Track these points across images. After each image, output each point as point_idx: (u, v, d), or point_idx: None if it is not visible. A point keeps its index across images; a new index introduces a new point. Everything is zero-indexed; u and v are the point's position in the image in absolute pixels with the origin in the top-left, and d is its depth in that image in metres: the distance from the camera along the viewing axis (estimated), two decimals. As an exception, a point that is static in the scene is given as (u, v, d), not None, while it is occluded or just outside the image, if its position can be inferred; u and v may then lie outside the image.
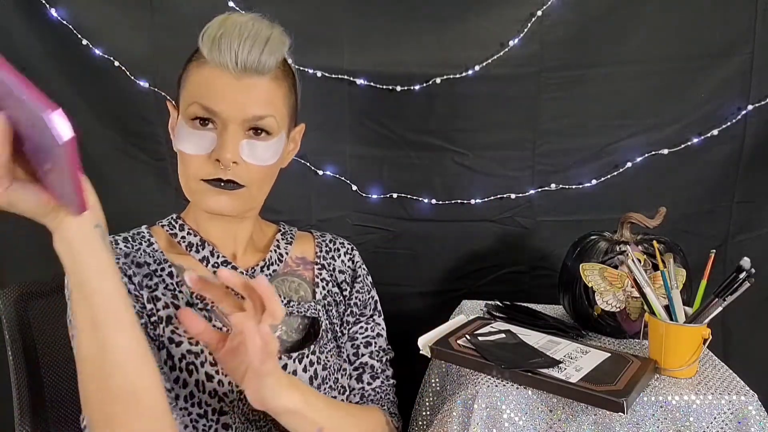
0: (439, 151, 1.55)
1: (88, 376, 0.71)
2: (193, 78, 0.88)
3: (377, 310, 1.08)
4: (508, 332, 1.14)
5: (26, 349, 1.05)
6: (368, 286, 1.08)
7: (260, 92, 0.87)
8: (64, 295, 0.84)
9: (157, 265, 0.91)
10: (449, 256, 1.61)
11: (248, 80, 0.85)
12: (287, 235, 1.05)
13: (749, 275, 0.99)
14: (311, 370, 0.93)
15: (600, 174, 1.56)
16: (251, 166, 0.87)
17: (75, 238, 0.66)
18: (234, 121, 0.85)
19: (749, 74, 1.52)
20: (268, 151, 0.89)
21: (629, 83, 1.53)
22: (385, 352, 1.06)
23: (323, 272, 1.03)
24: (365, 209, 1.57)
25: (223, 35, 0.84)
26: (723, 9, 1.49)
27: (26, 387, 1.04)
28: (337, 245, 1.07)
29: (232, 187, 0.87)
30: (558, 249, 1.52)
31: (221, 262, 0.94)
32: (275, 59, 0.87)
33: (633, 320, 1.21)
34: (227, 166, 0.85)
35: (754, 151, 1.55)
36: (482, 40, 1.50)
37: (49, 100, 0.51)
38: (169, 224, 0.97)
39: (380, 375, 1.03)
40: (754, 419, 0.99)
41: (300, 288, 1.00)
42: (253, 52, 0.84)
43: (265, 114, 0.87)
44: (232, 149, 0.85)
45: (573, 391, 0.95)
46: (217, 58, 0.84)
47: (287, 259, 1.01)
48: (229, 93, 0.85)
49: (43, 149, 0.55)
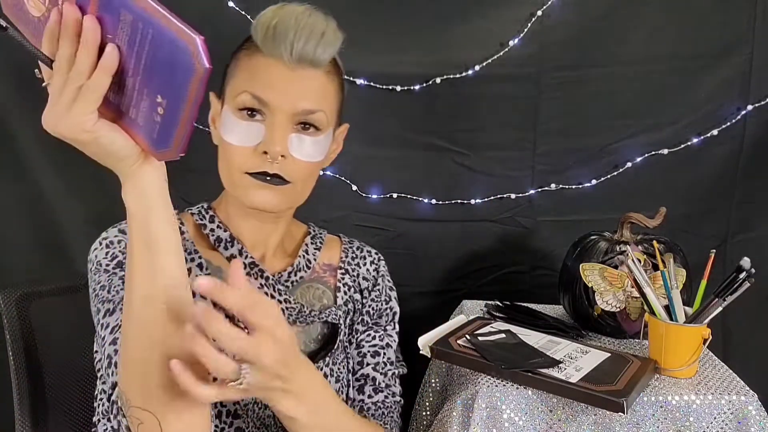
0: (439, 151, 1.55)
1: (140, 341, 0.66)
2: (243, 67, 0.84)
3: (393, 322, 1.03)
4: (508, 332, 1.14)
5: (27, 350, 1.05)
6: (387, 296, 1.03)
7: (313, 85, 0.84)
8: (65, 295, 0.84)
9: (187, 254, 0.87)
10: (449, 256, 1.60)
11: (302, 72, 0.83)
12: (317, 239, 1.01)
13: (749, 275, 1.00)
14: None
15: (600, 174, 1.56)
16: (298, 162, 0.84)
17: (151, 188, 0.64)
18: (284, 113, 0.82)
19: (749, 74, 1.52)
20: (316, 146, 0.86)
21: (629, 83, 1.53)
22: (393, 366, 0.99)
23: (346, 277, 1.00)
24: (365, 209, 1.57)
25: (278, 24, 0.81)
26: (723, 9, 1.49)
27: (27, 387, 1.04)
28: (363, 253, 1.04)
29: (277, 182, 0.83)
30: (558, 249, 1.52)
31: (249, 263, 0.90)
32: (329, 53, 0.84)
33: (633, 320, 1.22)
34: (275, 159, 0.82)
35: (754, 151, 1.55)
36: (482, 40, 1.50)
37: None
38: (199, 213, 0.93)
39: (384, 390, 0.96)
40: (754, 419, 0.99)
41: (324, 295, 0.97)
42: (309, 44, 0.81)
43: (316, 108, 0.84)
44: (281, 141, 0.81)
45: (573, 391, 0.95)
46: (272, 48, 0.81)
47: (315, 266, 0.98)
48: (282, 83, 0.82)
49: (165, 78, 0.54)
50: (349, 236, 1.06)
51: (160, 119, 0.56)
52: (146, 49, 0.54)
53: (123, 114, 0.59)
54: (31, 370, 1.05)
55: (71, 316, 1.10)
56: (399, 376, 1.00)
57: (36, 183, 1.47)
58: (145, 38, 0.54)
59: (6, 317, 1.05)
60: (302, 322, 0.91)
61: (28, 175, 1.47)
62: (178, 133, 0.55)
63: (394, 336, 1.02)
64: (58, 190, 1.48)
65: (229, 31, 1.40)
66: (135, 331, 0.67)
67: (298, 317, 0.91)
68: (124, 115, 0.59)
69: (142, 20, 0.54)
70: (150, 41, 0.54)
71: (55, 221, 1.49)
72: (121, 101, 0.58)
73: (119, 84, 0.57)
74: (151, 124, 0.57)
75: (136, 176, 0.63)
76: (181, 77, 0.53)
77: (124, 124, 0.59)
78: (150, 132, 0.58)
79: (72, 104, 0.56)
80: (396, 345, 1.01)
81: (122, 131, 0.59)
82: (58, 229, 1.49)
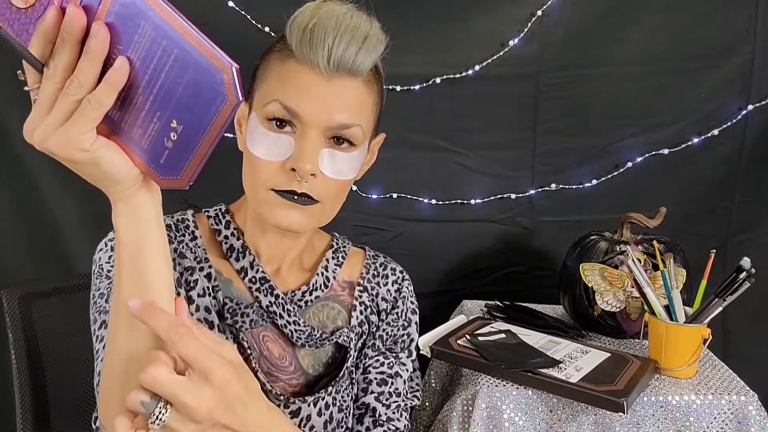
0: (439, 151, 1.55)
1: (121, 364, 0.61)
2: (275, 71, 0.76)
3: (409, 350, 0.92)
4: (508, 332, 1.14)
5: (29, 349, 1.05)
6: (406, 321, 0.93)
7: (351, 97, 0.75)
8: (67, 294, 0.83)
9: (197, 263, 0.81)
10: (449, 256, 1.61)
11: (339, 81, 0.74)
12: (339, 253, 0.92)
13: (749, 275, 1.00)
14: (326, 414, 0.83)
15: (600, 174, 1.56)
16: (329, 180, 0.76)
17: (146, 214, 0.59)
18: (317, 127, 0.74)
19: (749, 74, 1.52)
20: (349, 163, 0.78)
21: (629, 83, 1.53)
22: (401, 397, 0.88)
23: (364, 295, 0.91)
24: (365, 209, 1.57)
25: (317, 27, 0.72)
26: (723, 9, 1.49)
27: (29, 387, 1.04)
28: (387, 271, 0.94)
29: (305, 202, 0.75)
30: (558, 249, 1.52)
31: (260, 278, 0.83)
32: (371, 60, 0.75)
33: (633, 320, 1.22)
34: (304, 177, 0.74)
35: (754, 151, 1.55)
36: (482, 40, 1.50)
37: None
38: (215, 216, 0.86)
39: (384, 424, 0.86)
40: (754, 419, 0.99)
41: (339, 316, 0.89)
42: (350, 50, 0.73)
43: (352, 123, 0.75)
44: (311, 159, 0.73)
45: (573, 391, 0.95)
46: (307, 53, 0.73)
47: (333, 284, 0.90)
48: (316, 94, 0.73)
49: (185, 104, 0.50)
50: (349, 236, 1.01)
51: (172, 145, 0.52)
52: (167, 68, 0.50)
53: (121, 131, 0.54)
54: (33, 369, 1.05)
55: (73, 315, 1.09)
56: (408, 409, 0.91)
57: (35, 183, 1.47)
58: (168, 56, 0.50)
59: (9, 316, 1.05)
60: (311, 345, 0.85)
61: (27, 175, 1.47)
62: (193, 163, 0.52)
63: (408, 365, 0.91)
64: (57, 190, 1.48)
65: (229, 31, 1.42)
66: (118, 366, 0.62)
67: (308, 341, 0.84)
68: (122, 132, 0.54)
69: (166, 37, 0.49)
70: (173, 61, 0.50)
71: (54, 221, 1.49)
72: (123, 118, 0.53)
73: (123, 99, 0.53)
74: (159, 149, 0.53)
75: (130, 201, 0.58)
76: (205, 105, 0.50)
77: (122, 142, 0.54)
78: (156, 157, 0.53)
79: (67, 119, 0.51)
80: (409, 374, 0.91)
81: (121, 151, 0.54)
82: (56, 229, 1.50)
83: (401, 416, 0.88)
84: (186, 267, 0.80)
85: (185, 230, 0.83)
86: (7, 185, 1.47)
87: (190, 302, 0.78)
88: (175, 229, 0.83)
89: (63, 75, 0.50)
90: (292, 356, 0.85)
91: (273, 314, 0.83)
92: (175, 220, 0.84)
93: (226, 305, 0.80)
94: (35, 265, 1.50)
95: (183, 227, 0.83)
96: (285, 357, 0.84)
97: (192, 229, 0.84)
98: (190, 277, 0.80)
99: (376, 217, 1.57)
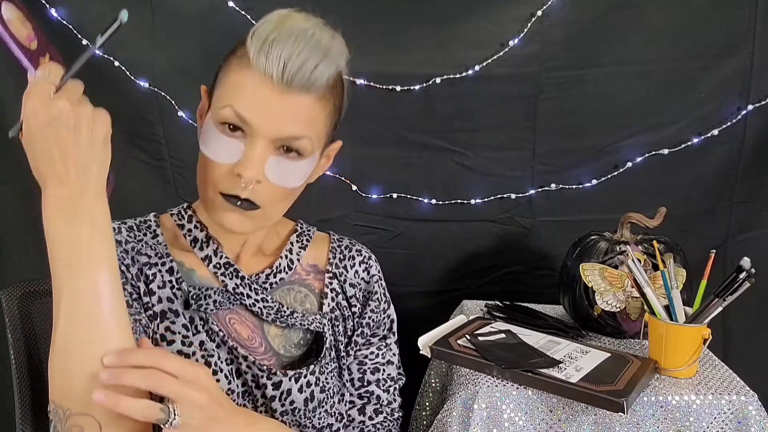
0: (439, 151, 1.55)
1: (78, 352, 0.67)
2: (232, 78, 0.78)
3: (392, 332, 0.98)
4: (508, 332, 1.14)
5: (29, 348, 1.05)
6: (385, 304, 0.98)
7: (302, 111, 0.78)
8: None
9: (158, 258, 0.86)
10: (449, 256, 1.61)
11: (291, 97, 0.76)
12: (303, 237, 0.96)
13: (749, 275, 1.00)
14: (307, 391, 0.86)
15: (600, 174, 1.56)
16: (273, 187, 0.79)
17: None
18: (266, 137, 0.77)
19: (749, 74, 1.52)
20: (295, 172, 0.81)
21: (629, 83, 1.53)
22: (394, 381, 0.96)
23: (334, 282, 0.94)
24: (365, 209, 1.57)
25: (275, 41, 0.74)
26: (723, 9, 1.49)
27: (28, 387, 1.04)
28: (353, 253, 0.98)
29: (247, 206, 0.79)
30: (558, 249, 1.52)
31: (224, 263, 0.88)
32: (328, 76, 0.77)
33: (633, 320, 1.22)
34: (249, 184, 0.77)
35: (754, 151, 1.55)
36: (482, 40, 1.50)
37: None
38: (178, 213, 0.91)
39: (385, 408, 0.94)
40: (754, 419, 0.99)
41: (306, 300, 0.92)
42: (306, 67, 0.75)
43: (301, 135, 0.78)
44: (257, 168, 0.77)
45: (573, 391, 0.95)
46: (263, 66, 0.75)
47: (297, 267, 0.93)
48: (268, 107, 0.76)
49: None
50: (349, 236, 1.02)
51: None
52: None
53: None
54: (33, 369, 1.05)
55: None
56: (399, 387, 0.98)
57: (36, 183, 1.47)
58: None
59: (8, 316, 1.05)
60: (282, 323, 0.88)
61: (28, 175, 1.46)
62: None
63: (394, 349, 0.98)
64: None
65: (229, 31, 1.43)
66: (75, 340, 0.67)
67: (277, 317, 0.88)
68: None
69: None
70: None
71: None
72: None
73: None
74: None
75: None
76: None
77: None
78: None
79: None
80: (397, 357, 0.98)
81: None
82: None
83: (395, 397, 0.96)
84: (144, 263, 0.84)
85: (147, 230, 0.88)
86: (7, 185, 1.47)
87: (150, 294, 0.84)
88: (136, 229, 0.88)
89: None
90: (262, 337, 0.88)
91: (240, 295, 0.87)
92: (137, 222, 0.89)
93: (191, 292, 0.84)
94: (35, 265, 1.50)
95: (144, 227, 0.89)
96: (254, 338, 0.87)
97: (153, 228, 0.89)
98: (149, 271, 0.84)
99: (376, 217, 1.57)
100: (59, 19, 1.44)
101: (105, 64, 1.47)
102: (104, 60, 1.46)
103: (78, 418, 0.66)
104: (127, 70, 1.48)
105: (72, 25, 1.45)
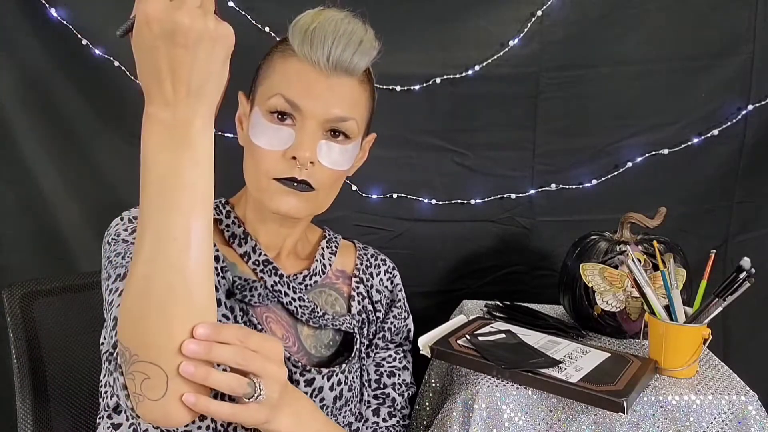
0: (439, 151, 1.55)
1: (159, 286, 0.62)
2: (277, 69, 0.83)
3: (408, 340, 1.03)
4: (508, 332, 1.14)
5: (30, 349, 1.05)
6: (405, 312, 1.03)
7: (347, 93, 0.83)
8: (68, 293, 0.82)
9: None
10: (449, 256, 1.61)
11: (337, 79, 0.82)
12: (332, 243, 1.00)
13: (749, 275, 1.00)
14: (338, 389, 0.88)
15: (600, 174, 1.56)
16: (325, 169, 0.83)
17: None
18: (315, 119, 0.81)
19: (749, 74, 1.52)
20: (344, 154, 0.85)
21: (629, 83, 1.53)
22: (408, 387, 1.01)
23: (360, 286, 0.98)
24: (365, 209, 1.57)
25: (317, 29, 0.80)
26: (723, 9, 1.49)
27: (30, 386, 1.04)
28: (378, 261, 1.02)
29: (303, 189, 0.82)
30: (558, 249, 1.52)
31: (263, 260, 0.89)
32: (365, 62, 0.84)
33: (633, 320, 1.22)
34: (304, 165, 0.81)
35: (754, 151, 1.55)
36: (482, 40, 1.50)
37: None
38: (216, 208, 0.91)
39: (398, 413, 0.97)
40: (754, 419, 0.99)
41: (336, 303, 0.96)
42: (347, 51, 0.81)
43: (348, 116, 0.83)
44: (310, 148, 0.81)
45: (573, 391, 0.95)
46: (308, 53, 0.81)
47: (329, 271, 0.97)
48: (316, 89, 0.81)
49: None
50: (348, 236, 1.05)
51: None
52: None
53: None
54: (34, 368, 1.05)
55: (74, 314, 1.10)
56: (410, 397, 1.01)
57: (36, 183, 1.48)
58: None
59: (9, 316, 1.05)
60: (314, 324, 0.91)
61: (28, 175, 1.47)
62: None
63: (410, 357, 1.02)
64: (58, 190, 1.49)
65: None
66: (155, 287, 0.61)
67: (311, 317, 0.90)
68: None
69: None
70: None
71: (55, 221, 1.49)
72: None
73: None
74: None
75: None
76: None
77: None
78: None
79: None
80: (411, 365, 1.02)
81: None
82: (58, 228, 1.50)
83: (407, 406, 1.00)
84: None
85: None
86: (8, 184, 1.47)
87: None
88: None
89: None
90: (295, 337, 0.90)
91: (278, 293, 0.88)
92: None
93: (235, 282, 0.85)
94: (36, 265, 1.50)
95: None
96: (288, 338, 0.89)
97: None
98: None
99: (376, 217, 1.57)
100: (59, 19, 1.44)
101: (105, 64, 1.47)
102: (104, 60, 1.46)
103: (145, 365, 0.62)
104: (127, 70, 1.48)
105: (72, 25, 1.45)
